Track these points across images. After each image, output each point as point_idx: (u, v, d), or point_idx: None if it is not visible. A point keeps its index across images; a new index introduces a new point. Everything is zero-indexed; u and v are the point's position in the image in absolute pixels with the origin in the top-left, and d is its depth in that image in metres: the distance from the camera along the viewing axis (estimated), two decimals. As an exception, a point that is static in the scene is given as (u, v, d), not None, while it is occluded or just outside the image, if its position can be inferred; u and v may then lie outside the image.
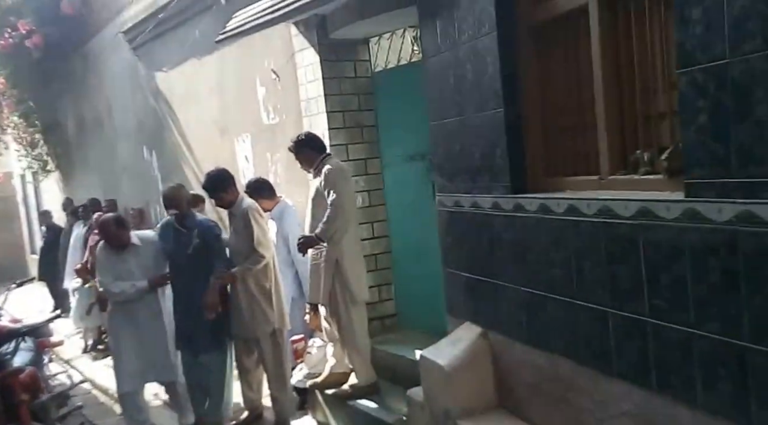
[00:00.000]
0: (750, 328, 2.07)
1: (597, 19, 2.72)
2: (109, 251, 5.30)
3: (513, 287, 3.36)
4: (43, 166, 13.26)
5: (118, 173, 10.69)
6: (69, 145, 12.63)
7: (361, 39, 5.76)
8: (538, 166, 3.23)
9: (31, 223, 16.76)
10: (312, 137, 5.14)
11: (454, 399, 3.63)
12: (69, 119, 12.44)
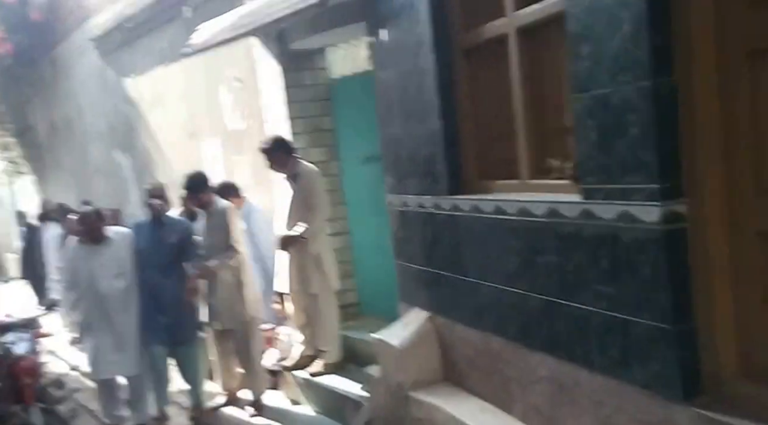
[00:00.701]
0: (631, 305, 2.50)
1: (515, 46, 3.11)
2: (85, 245, 5.38)
3: (453, 276, 3.73)
4: (15, 168, 13.37)
5: (90, 174, 10.84)
6: (41, 148, 12.76)
7: (318, 49, 5.99)
8: (472, 171, 3.60)
9: (7, 223, 16.75)
10: (283, 140, 5.40)
11: (405, 374, 3.98)
12: (40, 122, 12.55)
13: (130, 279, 5.36)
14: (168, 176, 8.50)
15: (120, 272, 5.32)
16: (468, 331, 3.69)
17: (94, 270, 5.29)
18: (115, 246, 5.36)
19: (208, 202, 5.40)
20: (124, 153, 9.63)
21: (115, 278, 5.30)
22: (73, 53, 10.42)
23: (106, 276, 5.29)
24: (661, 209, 2.28)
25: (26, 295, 11.10)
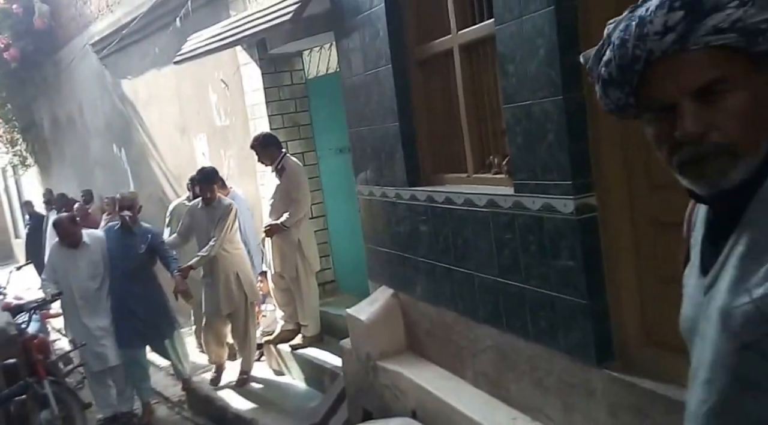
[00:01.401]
0: (555, 283, 2.69)
1: (458, 60, 3.26)
2: (64, 248, 5.41)
3: (413, 258, 3.85)
4: (22, 161, 13.23)
5: (91, 166, 10.80)
6: (46, 142, 12.65)
7: (295, 52, 6.10)
8: (427, 165, 3.74)
9: (13, 211, 16.65)
10: (273, 136, 5.52)
11: (373, 345, 4.09)
12: (45, 119, 12.43)
13: (102, 281, 5.41)
14: (161, 168, 8.61)
15: (94, 274, 5.39)
16: (426, 306, 3.83)
17: (69, 271, 5.36)
18: (90, 250, 5.40)
19: (212, 196, 5.43)
20: (122, 147, 9.63)
21: (90, 279, 5.38)
22: (74, 57, 10.34)
23: (81, 278, 5.36)
24: (574, 202, 2.46)
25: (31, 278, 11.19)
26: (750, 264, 0.94)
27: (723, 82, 0.94)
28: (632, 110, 1.05)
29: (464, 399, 3.37)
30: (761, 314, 0.91)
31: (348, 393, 4.56)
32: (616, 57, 1.00)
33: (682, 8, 0.94)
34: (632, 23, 0.98)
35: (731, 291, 0.96)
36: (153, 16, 7.37)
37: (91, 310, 5.40)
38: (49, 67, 11.35)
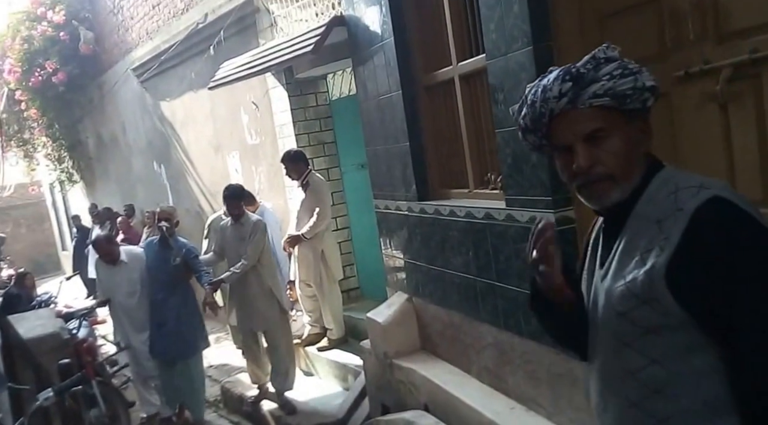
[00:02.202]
0: (542, 286, 2.98)
1: (459, 88, 3.58)
2: (104, 263, 5.61)
3: (424, 265, 4.14)
4: (69, 177, 13.76)
5: (133, 182, 11.29)
6: (90, 159, 13.20)
7: (319, 76, 6.48)
8: (435, 181, 4.03)
9: (60, 224, 17.28)
10: (302, 153, 5.90)
11: (389, 345, 4.35)
12: (90, 138, 12.97)
13: (140, 296, 5.55)
14: (197, 183, 9.04)
15: (132, 291, 5.53)
16: (437, 309, 4.11)
17: (111, 286, 5.58)
18: (128, 268, 5.54)
19: (240, 213, 5.47)
20: (162, 164, 10.09)
21: (128, 296, 5.54)
22: (117, 80, 10.84)
23: (120, 293, 5.54)
24: (554, 215, 2.76)
25: (78, 288, 11.69)
26: (625, 258, 1.28)
27: (603, 130, 1.28)
28: (546, 148, 1.38)
29: (469, 391, 3.66)
30: (630, 292, 1.26)
31: (368, 389, 4.87)
32: (529, 113, 1.34)
33: (571, 80, 1.28)
34: (539, 90, 1.32)
35: (613, 277, 1.31)
36: (189, 43, 7.83)
37: (132, 323, 5.60)
38: (93, 90, 11.88)
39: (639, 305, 1.25)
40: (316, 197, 5.67)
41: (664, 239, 1.22)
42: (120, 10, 10.26)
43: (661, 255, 1.21)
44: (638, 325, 1.27)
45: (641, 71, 1.30)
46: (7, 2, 12.77)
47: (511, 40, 2.85)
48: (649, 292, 1.23)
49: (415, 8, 3.91)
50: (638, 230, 1.28)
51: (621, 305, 1.28)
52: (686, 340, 1.23)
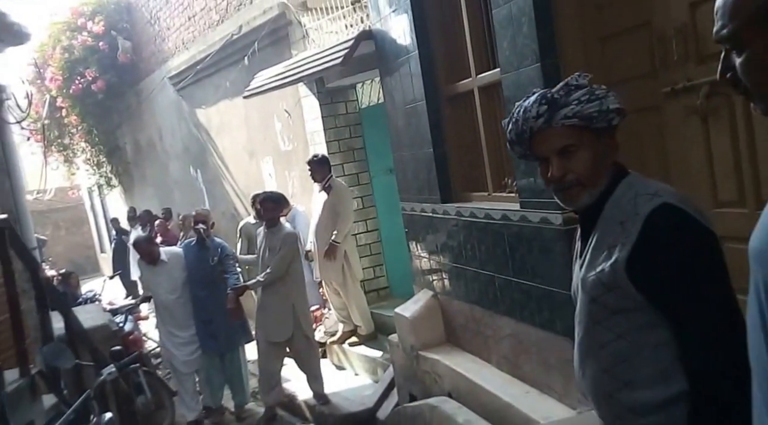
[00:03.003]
0: (553, 280, 3.32)
1: (478, 99, 3.92)
2: (145, 263, 5.88)
3: (448, 263, 4.46)
4: (107, 181, 14.29)
5: (170, 186, 11.75)
6: (128, 164, 13.70)
7: (349, 85, 6.84)
8: (457, 185, 4.36)
9: (99, 227, 17.87)
10: (327, 159, 6.30)
11: (415, 338, 4.65)
12: (127, 144, 13.47)
13: (181, 293, 5.78)
14: (232, 187, 9.48)
15: (173, 288, 5.75)
16: (460, 304, 4.42)
17: (152, 284, 5.88)
18: (169, 267, 5.78)
19: (276, 220, 5.63)
20: (198, 169, 10.52)
21: (169, 293, 5.76)
22: (154, 88, 11.32)
23: (161, 291, 5.78)
24: (562, 216, 3.09)
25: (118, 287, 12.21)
26: (596, 253, 1.62)
27: (573, 146, 1.62)
28: (531, 157, 1.73)
29: (489, 379, 3.98)
30: (599, 281, 1.59)
31: (397, 380, 5.22)
32: (513, 129, 1.69)
33: (546, 104, 1.62)
34: (521, 110, 1.67)
35: (587, 268, 1.64)
36: (224, 53, 8.27)
37: (173, 320, 5.81)
38: (131, 97, 12.40)
39: (606, 292, 1.57)
40: (339, 200, 6.05)
41: (626, 237, 1.54)
42: (157, 20, 10.78)
43: (623, 251, 1.53)
44: (607, 307, 1.59)
45: (607, 96, 1.63)
46: (48, 13, 13.41)
47: (521, 56, 3.20)
48: (613, 281, 1.55)
49: (437, 24, 4.27)
50: (606, 229, 1.61)
51: (592, 291, 1.61)
52: (645, 319, 1.55)
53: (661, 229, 1.49)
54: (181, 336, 5.84)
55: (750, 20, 1.02)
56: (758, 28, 1.01)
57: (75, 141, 14.14)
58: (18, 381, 3.43)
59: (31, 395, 3.56)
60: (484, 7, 3.68)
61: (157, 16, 10.76)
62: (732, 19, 1.04)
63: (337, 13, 6.13)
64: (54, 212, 18.71)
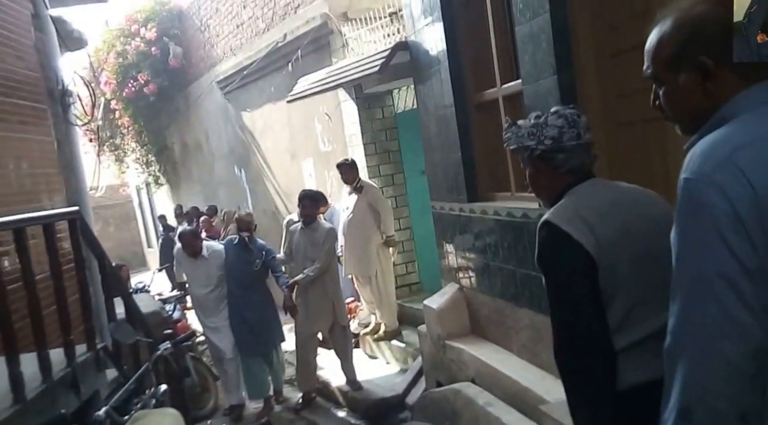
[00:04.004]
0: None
1: (502, 106, 4.20)
2: (186, 255, 5.96)
3: (473, 259, 4.72)
4: (156, 180, 14.83)
5: (215, 185, 12.18)
6: (176, 164, 14.18)
7: (385, 91, 7.16)
8: (482, 186, 4.62)
9: (146, 224, 18.46)
10: (354, 162, 6.65)
11: (442, 328, 4.90)
12: (175, 144, 13.94)
13: (216, 289, 5.88)
14: (274, 187, 9.87)
15: (208, 283, 5.86)
16: (484, 296, 4.68)
17: (190, 276, 6.00)
18: (208, 263, 5.87)
19: (314, 217, 5.83)
20: (242, 169, 10.92)
21: (204, 287, 5.89)
22: (202, 92, 11.76)
23: (196, 284, 5.94)
24: (574, 214, 3.35)
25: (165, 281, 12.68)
26: None
27: None
28: None
29: (509, 366, 4.24)
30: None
31: (424, 368, 5.51)
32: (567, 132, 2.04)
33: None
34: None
35: None
36: (269, 60, 8.66)
37: (205, 311, 5.97)
38: (180, 100, 12.90)
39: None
40: (375, 198, 6.36)
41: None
42: (207, 28, 11.25)
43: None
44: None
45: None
46: (104, 20, 14.02)
47: (540, 69, 3.47)
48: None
49: (467, 37, 4.56)
50: None
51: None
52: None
53: (538, 237, 1.98)
54: (209, 322, 5.99)
55: (663, 65, 1.32)
56: (669, 71, 1.31)
57: (126, 141, 14.72)
58: (86, 354, 3.82)
59: (97, 367, 3.96)
60: (509, 23, 3.96)
61: (207, 24, 11.21)
62: (652, 62, 1.34)
63: (375, 24, 6.45)
64: (104, 209, 19.35)
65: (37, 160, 5.00)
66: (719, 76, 1.23)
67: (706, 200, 1.13)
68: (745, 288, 1.10)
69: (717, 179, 1.13)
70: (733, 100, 1.22)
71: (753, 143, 1.15)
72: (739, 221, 1.11)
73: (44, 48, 5.21)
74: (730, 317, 1.11)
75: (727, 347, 1.11)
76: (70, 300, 3.72)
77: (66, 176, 5.40)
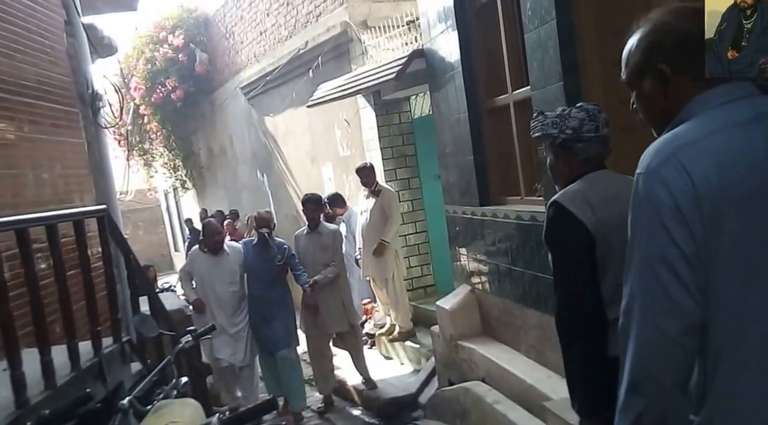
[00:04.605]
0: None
1: (513, 112, 4.30)
2: (206, 255, 5.71)
3: (484, 260, 4.81)
4: (182, 184, 15.07)
5: (239, 189, 12.36)
6: (202, 168, 14.40)
7: (403, 97, 7.29)
8: (494, 190, 4.73)
9: (173, 227, 18.68)
10: (373, 166, 6.80)
11: (454, 328, 5.00)
12: (201, 149, 14.17)
13: (239, 287, 5.72)
14: (295, 190, 10.03)
15: (232, 280, 5.67)
16: (495, 298, 4.76)
17: (211, 276, 5.64)
18: (229, 259, 5.69)
19: (315, 221, 5.79)
20: (264, 173, 11.10)
21: (228, 285, 5.66)
22: (227, 97, 11.97)
23: (220, 282, 5.64)
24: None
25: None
26: None
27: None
28: None
29: (517, 365, 4.33)
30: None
31: (437, 367, 5.61)
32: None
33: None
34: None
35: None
36: (291, 66, 8.84)
37: (226, 311, 5.66)
38: (206, 106, 13.13)
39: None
40: (389, 203, 6.47)
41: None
42: (231, 35, 11.49)
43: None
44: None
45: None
46: (133, 27, 14.34)
47: (548, 76, 3.57)
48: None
49: (480, 45, 4.67)
50: None
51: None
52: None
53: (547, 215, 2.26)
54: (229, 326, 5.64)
55: (632, 71, 1.44)
56: (637, 77, 1.42)
57: (154, 146, 14.99)
58: (112, 346, 3.98)
59: (122, 359, 4.12)
60: (519, 30, 4.06)
61: (232, 31, 11.45)
62: (624, 69, 1.46)
63: (393, 32, 6.59)
64: (133, 213, 19.62)
65: (69, 161, 5.20)
66: (678, 81, 1.34)
67: (652, 193, 1.26)
68: (682, 271, 1.23)
69: (662, 174, 1.25)
70: (691, 103, 1.33)
71: (697, 141, 1.26)
72: (680, 212, 1.23)
73: (76, 53, 5.43)
74: (669, 296, 1.24)
75: (667, 323, 1.24)
76: (98, 295, 3.88)
77: (95, 177, 5.60)
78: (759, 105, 1.29)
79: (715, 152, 1.24)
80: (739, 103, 1.29)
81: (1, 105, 4.28)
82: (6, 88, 4.37)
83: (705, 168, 1.23)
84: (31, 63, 4.72)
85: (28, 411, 2.89)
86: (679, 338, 1.24)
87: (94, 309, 3.72)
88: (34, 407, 2.94)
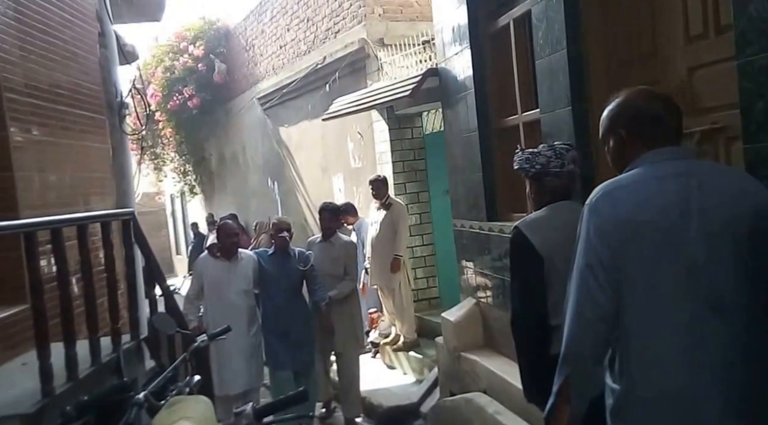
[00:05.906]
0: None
1: (522, 132, 4.45)
2: (218, 261, 5.18)
3: (490, 274, 4.90)
4: (191, 189, 15.23)
5: (248, 196, 12.50)
6: (212, 174, 14.57)
7: (415, 113, 7.45)
8: (501, 206, 4.84)
9: (177, 232, 18.82)
10: (386, 179, 6.93)
11: (458, 340, 5.05)
12: (213, 155, 14.35)
13: (252, 298, 5.24)
14: (305, 200, 10.18)
15: (246, 289, 5.15)
16: (498, 311, 4.83)
17: (223, 283, 5.09)
18: (243, 265, 5.19)
19: (331, 231, 5.61)
20: (275, 181, 11.23)
21: (242, 293, 5.12)
22: (242, 107, 12.15)
23: (233, 290, 5.09)
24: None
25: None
26: None
27: None
28: None
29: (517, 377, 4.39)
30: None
31: (440, 378, 5.70)
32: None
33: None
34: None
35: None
36: (308, 80, 9.02)
37: (241, 322, 4.99)
38: (221, 114, 13.30)
39: None
40: (399, 217, 6.60)
41: None
42: (251, 47, 11.70)
43: None
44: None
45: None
46: (153, 36, 14.60)
47: (557, 101, 3.73)
48: None
49: (492, 67, 4.83)
50: None
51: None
52: None
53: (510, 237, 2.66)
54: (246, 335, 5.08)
55: (603, 132, 1.95)
56: (606, 137, 1.94)
57: (166, 151, 15.18)
58: (130, 342, 4.14)
59: (138, 356, 4.27)
60: (530, 56, 4.23)
61: (252, 44, 11.66)
62: (600, 128, 1.97)
63: (409, 51, 6.77)
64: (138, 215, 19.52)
65: (95, 165, 5.38)
66: (632, 143, 1.84)
67: (590, 218, 1.74)
68: (600, 275, 1.70)
69: (598, 205, 1.75)
70: (638, 159, 1.81)
71: (628, 185, 1.76)
72: (605, 233, 1.71)
73: (106, 63, 5.62)
74: (590, 293, 1.71)
75: (588, 313, 1.73)
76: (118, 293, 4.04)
77: (117, 181, 5.78)
78: (678, 166, 1.73)
79: (637, 194, 1.71)
80: (664, 163, 1.74)
81: (36, 112, 4.47)
82: (41, 96, 4.55)
83: (628, 204, 1.70)
84: (66, 72, 4.91)
85: (53, 400, 3.04)
86: (595, 323, 1.72)
87: (116, 307, 3.88)
88: (59, 396, 3.09)
